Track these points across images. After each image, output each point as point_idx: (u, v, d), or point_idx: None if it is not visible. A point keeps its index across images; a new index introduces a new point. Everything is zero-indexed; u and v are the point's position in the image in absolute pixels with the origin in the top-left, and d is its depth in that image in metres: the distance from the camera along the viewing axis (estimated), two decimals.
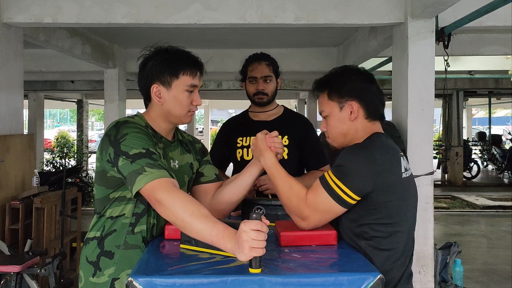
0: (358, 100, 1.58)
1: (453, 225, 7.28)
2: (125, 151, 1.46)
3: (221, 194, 1.73)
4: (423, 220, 3.26)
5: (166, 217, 1.39)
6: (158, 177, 1.40)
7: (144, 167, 1.42)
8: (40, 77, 8.36)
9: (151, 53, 1.64)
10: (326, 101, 1.62)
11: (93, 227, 1.62)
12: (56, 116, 35.73)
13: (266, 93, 2.42)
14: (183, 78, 1.60)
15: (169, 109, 1.62)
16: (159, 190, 1.38)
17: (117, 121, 1.58)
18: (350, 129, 1.59)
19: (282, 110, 2.53)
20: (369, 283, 1.19)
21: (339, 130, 1.60)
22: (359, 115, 1.58)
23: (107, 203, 1.58)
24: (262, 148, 1.64)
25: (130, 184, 1.43)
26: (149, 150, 1.47)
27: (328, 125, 1.63)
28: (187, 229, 1.33)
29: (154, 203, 1.41)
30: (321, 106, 1.65)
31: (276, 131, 1.68)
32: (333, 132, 1.62)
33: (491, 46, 5.15)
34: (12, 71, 3.63)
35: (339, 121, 1.59)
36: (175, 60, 1.60)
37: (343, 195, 1.46)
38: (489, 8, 2.85)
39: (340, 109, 1.59)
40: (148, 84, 1.62)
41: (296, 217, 1.52)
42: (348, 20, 3.43)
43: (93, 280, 1.57)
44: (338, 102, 1.59)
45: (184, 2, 3.39)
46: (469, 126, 19.66)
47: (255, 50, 6.53)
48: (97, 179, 1.60)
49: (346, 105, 1.58)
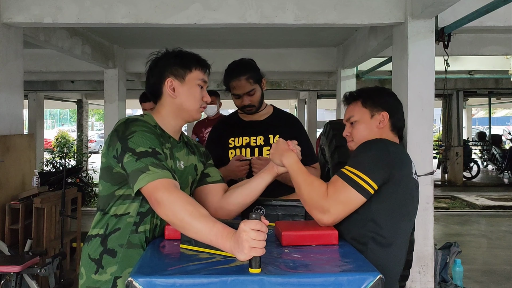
0: (389, 112, 1.73)
1: (453, 225, 7.29)
2: (132, 147, 1.48)
3: (234, 194, 1.75)
4: (423, 220, 3.26)
5: (165, 217, 1.39)
6: (161, 177, 1.41)
7: (149, 166, 1.43)
8: (40, 77, 8.37)
9: (161, 54, 1.69)
10: (358, 107, 1.76)
11: (96, 224, 1.62)
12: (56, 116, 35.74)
13: (253, 105, 2.42)
14: (195, 72, 1.66)
15: (182, 102, 1.65)
16: (160, 190, 1.39)
17: (127, 118, 1.60)
18: (376, 135, 1.71)
19: (271, 109, 2.54)
20: (369, 283, 1.19)
21: (366, 135, 1.72)
22: (386, 126, 1.73)
23: (112, 200, 1.58)
24: (284, 149, 1.70)
25: (132, 182, 1.44)
26: (155, 150, 1.49)
27: (356, 129, 1.75)
28: (186, 229, 1.33)
29: (153, 203, 1.41)
30: (351, 112, 1.78)
31: (296, 140, 1.75)
32: (359, 137, 1.74)
33: (491, 46, 5.16)
34: (12, 71, 3.63)
35: (367, 127, 1.73)
36: (187, 56, 1.67)
37: (363, 183, 1.53)
38: (489, 8, 2.85)
39: (371, 116, 1.73)
40: (161, 79, 1.65)
41: (317, 212, 1.55)
42: (348, 20, 3.43)
43: (95, 277, 1.57)
44: (370, 110, 1.74)
45: (184, 2, 3.39)
46: (469, 126, 19.67)
47: (255, 50, 6.55)
48: (102, 175, 1.60)
49: (377, 114, 1.73)
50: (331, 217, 1.53)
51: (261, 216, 1.23)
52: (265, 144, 2.40)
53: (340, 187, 1.55)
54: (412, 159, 1.69)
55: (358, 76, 5.93)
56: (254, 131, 2.44)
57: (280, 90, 10.33)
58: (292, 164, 1.67)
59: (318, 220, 1.55)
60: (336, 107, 6.16)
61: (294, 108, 15.43)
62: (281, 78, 9.47)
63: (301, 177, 1.63)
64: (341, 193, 1.54)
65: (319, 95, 11.07)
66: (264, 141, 2.41)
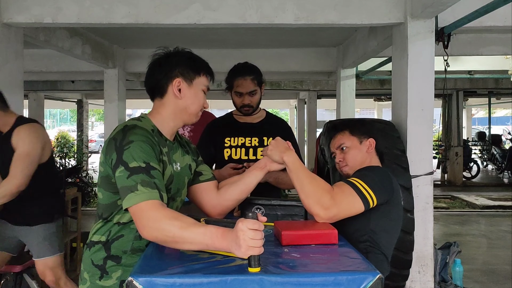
0: (374, 139, 1.97)
1: (452, 225, 7.29)
2: (126, 161, 1.45)
3: (229, 191, 1.78)
4: (422, 220, 3.26)
5: (154, 239, 1.39)
6: (147, 199, 1.40)
7: (138, 184, 1.41)
8: (40, 77, 8.36)
9: (172, 51, 1.67)
10: (347, 136, 1.98)
11: (97, 231, 1.61)
12: (56, 116, 35.72)
13: (252, 105, 2.57)
14: (203, 77, 1.67)
15: (187, 105, 1.64)
16: (144, 211, 1.39)
17: (125, 125, 1.56)
18: (366, 158, 1.94)
19: (264, 113, 2.69)
20: (368, 282, 1.19)
21: (359, 159, 1.93)
22: (373, 149, 1.96)
23: (115, 209, 1.57)
24: (283, 147, 1.78)
25: (122, 198, 1.45)
26: (149, 165, 1.46)
27: (349, 155, 1.95)
28: (180, 243, 1.34)
29: (138, 226, 1.41)
30: (341, 140, 1.99)
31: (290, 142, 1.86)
32: (353, 161, 1.93)
33: (491, 46, 5.15)
34: (12, 71, 3.63)
35: (359, 152, 1.94)
36: (198, 61, 1.69)
37: (367, 195, 1.68)
38: (489, 8, 2.85)
39: (360, 142, 1.95)
40: (169, 77, 1.62)
41: (318, 206, 1.62)
42: (347, 20, 3.43)
43: (101, 283, 1.57)
44: (358, 137, 1.96)
45: (184, 2, 3.39)
46: (469, 126, 19.66)
47: (255, 50, 6.55)
48: (102, 184, 1.58)
49: (364, 141, 1.95)
50: (329, 214, 1.61)
51: (257, 214, 1.24)
52: (260, 145, 2.55)
53: (347, 191, 1.68)
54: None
55: (358, 76, 5.93)
56: (249, 132, 2.57)
57: (280, 90, 10.33)
58: (294, 161, 1.75)
59: (316, 215, 1.62)
60: (336, 107, 6.15)
61: (294, 108, 15.41)
62: (281, 78, 9.46)
63: (305, 173, 1.71)
64: (346, 196, 1.66)
65: (319, 95, 11.07)
66: (258, 143, 2.56)
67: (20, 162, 2.55)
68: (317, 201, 1.62)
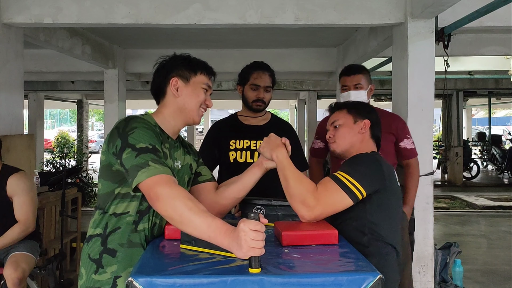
0: (370, 121, 1.87)
1: (453, 225, 7.28)
2: (132, 143, 1.48)
3: (228, 190, 1.80)
4: (423, 220, 3.26)
5: (164, 212, 1.38)
6: (161, 173, 1.42)
7: (149, 161, 1.44)
8: (40, 77, 8.37)
9: (169, 57, 1.73)
10: (343, 114, 1.89)
11: (95, 224, 1.62)
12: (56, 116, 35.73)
13: (265, 101, 2.56)
14: (201, 76, 1.70)
15: (184, 102, 1.68)
16: (160, 184, 1.39)
17: (128, 116, 1.63)
18: (357, 139, 1.85)
19: (270, 116, 2.68)
20: (368, 283, 1.19)
21: (348, 138, 1.85)
22: (366, 133, 1.86)
23: (111, 198, 1.58)
24: (275, 144, 1.76)
25: (131, 177, 1.44)
26: (155, 147, 1.50)
27: (339, 132, 1.86)
28: (185, 224, 1.33)
29: (152, 198, 1.40)
30: (336, 117, 1.90)
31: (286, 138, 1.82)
32: (342, 139, 1.86)
33: (491, 46, 5.16)
34: (12, 71, 3.63)
35: (350, 131, 1.85)
36: (194, 61, 1.72)
37: (353, 188, 1.62)
38: (489, 8, 2.85)
39: (354, 122, 1.86)
40: (166, 79, 1.69)
41: (301, 206, 1.60)
42: (348, 21, 3.43)
43: (95, 277, 1.58)
44: (354, 117, 1.87)
45: (184, 3, 3.39)
46: (469, 126, 19.68)
47: (255, 50, 6.55)
48: (102, 174, 1.61)
49: (359, 121, 1.86)
50: (313, 214, 1.60)
51: (259, 214, 1.23)
52: None
53: (330, 188, 1.64)
54: None
55: None
56: (254, 135, 2.53)
57: (280, 90, 10.34)
58: (282, 158, 1.72)
59: (301, 216, 1.62)
60: None
61: (294, 108, 15.43)
62: (281, 78, 9.47)
63: (290, 172, 1.68)
64: (331, 194, 1.63)
65: (319, 95, 11.08)
66: None
67: (30, 207, 2.91)
68: (300, 201, 1.61)
